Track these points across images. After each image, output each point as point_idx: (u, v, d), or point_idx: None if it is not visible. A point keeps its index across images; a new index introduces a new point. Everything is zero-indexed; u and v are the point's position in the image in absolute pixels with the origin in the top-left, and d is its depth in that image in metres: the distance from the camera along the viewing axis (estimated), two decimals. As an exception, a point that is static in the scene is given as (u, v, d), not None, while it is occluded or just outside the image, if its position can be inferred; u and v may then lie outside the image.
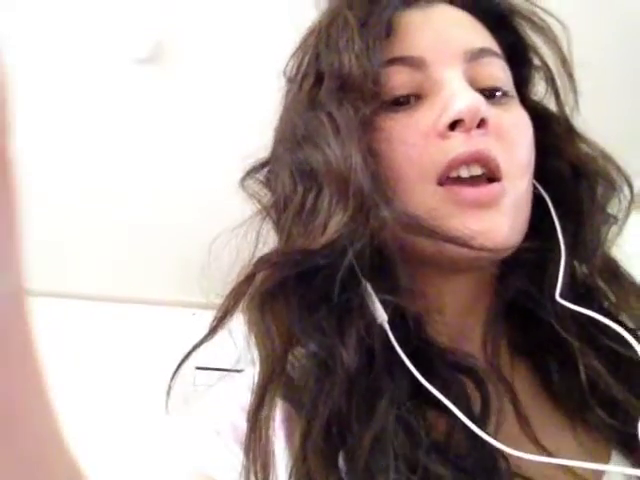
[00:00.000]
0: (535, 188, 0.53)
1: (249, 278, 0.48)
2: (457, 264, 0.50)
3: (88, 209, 1.97)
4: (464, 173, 0.48)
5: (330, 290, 0.46)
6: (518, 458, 0.44)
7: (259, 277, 0.47)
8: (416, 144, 0.49)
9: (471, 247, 0.46)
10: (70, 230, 2.02)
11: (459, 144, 0.48)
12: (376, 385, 0.46)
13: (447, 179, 0.48)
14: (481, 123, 0.48)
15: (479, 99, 0.48)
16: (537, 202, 0.53)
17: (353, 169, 0.47)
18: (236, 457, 0.47)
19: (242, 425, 0.48)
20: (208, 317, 0.51)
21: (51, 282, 2.10)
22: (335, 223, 0.46)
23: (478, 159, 0.48)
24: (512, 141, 0.50)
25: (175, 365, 0.51)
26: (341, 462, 0.44)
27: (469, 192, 0.48)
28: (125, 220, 2.01)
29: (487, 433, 0.44)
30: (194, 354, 0.51)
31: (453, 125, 0.48)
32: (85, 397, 1.99)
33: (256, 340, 0.48)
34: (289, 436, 0.48)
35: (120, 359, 2.10)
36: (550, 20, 0.54)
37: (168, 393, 0.49)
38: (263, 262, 0.48)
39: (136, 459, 0.51)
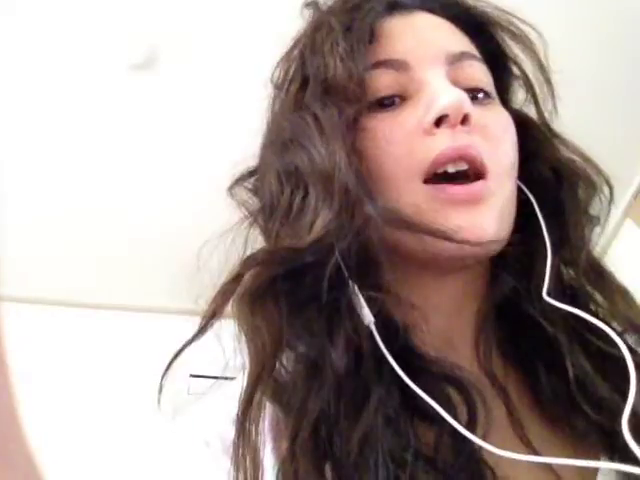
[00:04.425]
0: (518, 192, 0.54)
1: (237, 277, 0.48)
2: (443, 262, 0.50)
3: (81, 218, 1.96)
4: (450, 169, 0.49)
5: (319, 290, 0.47)
6: (505, 470, 0.45)
7: (247, 276, 0.47)
8: (402, 142, 0.50)
9: (453, 241, 0.47)
10: (62, 239, 2.00)
11: (444, 140, 0.49)
12: (365, 386, 0.46)
13: (433, 175, 0.49)
14: (465, 119, 0.49)
15: (462, 95, 0.49)
16: (521, 206, 0.54)
17: (337, 166, 0.47)
18: (224, 470, 0.46)
19: (230, 437, 0.47)
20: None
21: (45, 290, 2.09)
22: (321, 220, 0.46)
23: (463, 156, 0.49)
24: (496, 139, 0.51)
25: (171, 370, 0.50)
26: (328, 464, 0.44)
27: (455, 190, 0.48)
28: (119, 227, 1.99)
29: (474, 442, 0.44)
30: (188, 362, 0.52)
31: (438, 122, 0.49)
32: (79, 404, 1.98)
33: (246, 338, 0.48)
34: (276, 440, 0.48)
35: (116, 366, 2.09)
36: (527, 28, 0.56)
37: (160, 391, 0.49)
38: (250, 261, 0.48)
39: (128, 467, 0.51)
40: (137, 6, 1.56)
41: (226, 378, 0.56)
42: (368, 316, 0.47)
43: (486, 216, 0.48)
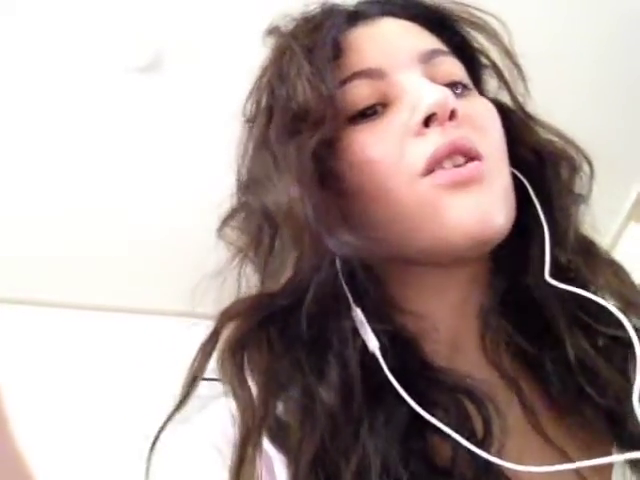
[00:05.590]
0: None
1: (214, 335, 0.48)
2: (442, 257, 0.50)
3: (82, 220, 1.93)
4: (447, 165, 0.49)
5: (304, 328, 0.47)
6: (525, 473, 0.44)
7: (226, 331, 0.48)
8: (393, 148, 0.49)
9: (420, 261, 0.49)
10: (72, 243, 1.99)
11: (436, 138, 0.49)
12: (358, 419, 0.46)
13: (431, 172, 0.49)
14: (452, 114, 0.49)
15: (446, 91, 0.49)
16: None
17: (293, 202, 0.47)
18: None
19: (225, 450, 0.48)
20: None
21: (60, 294, 2.08)
22: (290, 261, 0.46)
23: (457, 149, 0.48)
24: (484, 127, 0.51)
25: (180, 376, 0.49)
26: None
27: (451, 173, 0.48)
28: (119, 230, 1.97)
29: (490, 453, 0.44)
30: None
31: (427, 122, 0.49)
32: (80, 409, 1.96)
33: (234, 395, 0.47)
34: None
35: (115, 369, 2.06)
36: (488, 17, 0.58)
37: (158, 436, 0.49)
38: (226, 316, 0.48)
39: (135, 475, 0.51)
40: (142, 8, 1.56)
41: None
42: (373, 341, 0.47)
43: (491, 199, 0.48)
